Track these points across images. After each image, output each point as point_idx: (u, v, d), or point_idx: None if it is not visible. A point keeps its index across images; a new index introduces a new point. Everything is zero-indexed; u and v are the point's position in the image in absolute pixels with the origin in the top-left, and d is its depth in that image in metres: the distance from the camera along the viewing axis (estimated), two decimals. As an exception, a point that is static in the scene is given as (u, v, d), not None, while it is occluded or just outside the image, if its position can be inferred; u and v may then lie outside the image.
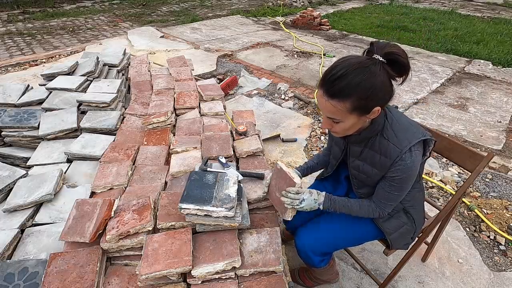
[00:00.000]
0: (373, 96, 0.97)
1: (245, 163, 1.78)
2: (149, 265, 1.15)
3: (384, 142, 1.10)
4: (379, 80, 0.95)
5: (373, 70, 0.95)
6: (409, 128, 1.10)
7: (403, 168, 1.07)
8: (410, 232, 1.33)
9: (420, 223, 1.35)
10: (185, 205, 1.24)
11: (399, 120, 1.12)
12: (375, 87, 0.96)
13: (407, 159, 1.05)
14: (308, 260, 1.43)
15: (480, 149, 2.72)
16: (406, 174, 1.08)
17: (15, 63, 4.18)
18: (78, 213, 1.34)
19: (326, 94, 0.99)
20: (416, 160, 1.06)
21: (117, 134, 1.99)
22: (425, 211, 1.42)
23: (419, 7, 8.21)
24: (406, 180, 1.10)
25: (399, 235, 1.31)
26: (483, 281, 1.69)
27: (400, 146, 1.06)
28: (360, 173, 1.22)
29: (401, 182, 1.11)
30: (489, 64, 4.59)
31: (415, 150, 1.06)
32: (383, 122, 1.10)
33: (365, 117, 1.03)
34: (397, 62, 0.96)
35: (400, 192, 1.15)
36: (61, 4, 7.80)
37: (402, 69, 0.98)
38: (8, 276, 1.18)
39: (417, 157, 1.07)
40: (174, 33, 5.62)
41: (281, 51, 4.92)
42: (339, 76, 0.95)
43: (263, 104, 3.40)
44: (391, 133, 1.09)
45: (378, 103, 1.00)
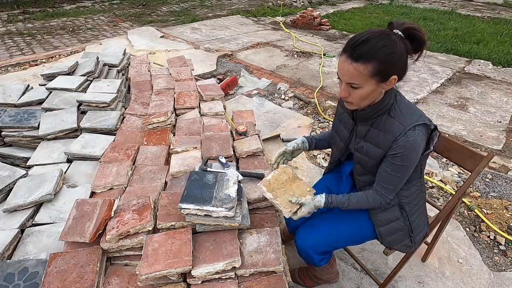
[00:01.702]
0: (393, 63, 1.02)
1: (245, 163, 1.78)
2: (149, 265, 1.15)
3: (389, 120, 1.13)
4: (399, 49, 1.01)
5: (394, 39, 1.01)
6: (416, 111, 1.13)
7: (405, 144, 1.08)
8: (404, 230, 1.29)
9: (419, 225, 1.32)
10: (185, 205, 1.24)
11: (407, 103, 1.15)
12: (395, 54, 1.01)
13: (410, 136, 1.07)
14: (308, 259, 1.43)
15: (480, 149, 2.72)
16: (407, 151, 1.09)
17: (15, 63, 4.18)
18: (78, 213, 1.34)
19: (350, 57, 1.02)
20: (418, 139, 1.08)
21: (117, 134, 1.99)
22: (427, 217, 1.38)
23: (419, 7, 8.21)
24: (407, 158, 1.10)
25: (390, 230, 1.30)
26: (483, 281, 1.69)
27: (404, 124, 1.09)
28: (363, 156, 1.22)
29: (402, 160, 1.11)
30: (489, 64, 4.59)
31: (418, 130, 1.08)
32: (392, 102, 1.13)
33: (383, 85, 1.06)
34: (415, 38, 1.04)
35: (400, 173, 1.14)
36: (61, 4, 7.80)
37: (419, 45, 1.05)
38: (8, 276, 1.18)
39: (420, 137, 1.08)
40: (174, 33, 5.62)
41: (281, 51, 4.92)
42: (363, 40, 1.01)
43: (263, 104, 3.40)
44: (398, 112, 1.12)
45: (396, 72, 1.04)
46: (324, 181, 1.57)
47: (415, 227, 1.30)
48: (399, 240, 1.32)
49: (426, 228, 1.37)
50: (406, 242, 1.33)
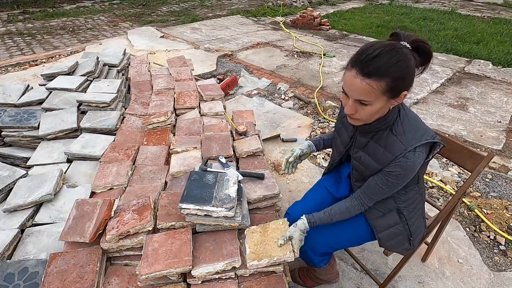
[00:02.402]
0: (405, 78, 0.99)
1: (245, 163, 1.78)
2: (149, 265, 1.15)
3: (391, 137, 1.10)
4: (411, 64, 0.98)
5: (406, 53, 0.97)
6: (419, 128, 1.09)
7: (403, 165, 1.07)
8: (403, 234, 1.28)
9: (418, 228, 1.31)
10: (185, 205, 1.24)
11: (411, 119, 1.11)
12: (409, 69, 0.98)
13: (410, 157, 1.05)
14: (308, 260, 1.43)
15: (480, 149, 2.72)
16: (404, 172, 1.08)
17: (15, 63, 4.18)
18: (78, 213, 1.34)
19: (361, 73, 0.96)
20: (417, 161, 1.06)
21: (117, 134, 1.99)
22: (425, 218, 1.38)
23: (419, 7, 8.21)
24: (402, 178, 1.10)
25: (389, 235, 1.29)
26: (483, 281, 1.69)
27: (405, 144, 1.06)
28: (360, 165, 1.21)
29: (397, 179, 1.10)
30: (489, 64, 4.59)
31: (419, 151, 1.06)
32: (395, 117, 1.10)
33: (393, 101, 1.03)
34: (423, 51, 1.01)
35: (391, 189, 1.14)
36: (61, 4, 7.80)
37: (426, 58, 1.02)
38: (8, 276, 1.18)
39: (419, 158, 1.06)
40: (174, 33, 5.62)
41: (281, 51, 4.92)
42: (376, 55, 0.95)
43: (263, 104, 3.40)
44: (401, 129, 1.09)
45: (406, 87, 1.01)
46: (323, 182, 1.57)
47: (414, 230, 1.29)
48: (399, 244, 1.32)
49: (424, 229, 1.37)
50: (405, 246, 1.32)
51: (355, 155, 1.24)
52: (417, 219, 1.30)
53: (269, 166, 2.46)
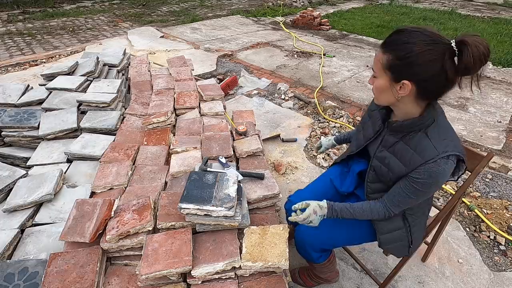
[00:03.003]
0: (412, 65, 0.92)
1: (245, 163, 1.79)
2: (149, 265, 1.15)
3: (424, 140, 1.03)
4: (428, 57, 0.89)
5: (436, 48, 0.89)
6: (455, 139, 1.04)
7: (432, 172, 0.99)
8: (404, 240, 1.27)
9: (418, 237, 1.30)
10: (185, 205, 1.24)
11: (447, 127, 1.06)
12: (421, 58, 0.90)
13: (441, 164, 0.98)
14: (306, 256, 1.43)
15: (480, 149, 2.72)
16: (432, 180, 1.01)
17: (15, 63, 4.18)
18: (78, 213, 1.34)
19: (382, 43, 0.99)
20: (447, 170, 1.00)
21: (117, 134, 1.99)
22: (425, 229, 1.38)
23: (419, 7, 8.21)
24: (429, 186, 1.03)
25: (391, 238, 1.28)
26: (483, 281, 1.69)
27: (439, 149, 0.99)
28: (383, 166, 1.14)
29: (424, 187, 1.04)
30: (489, 64, 4.59)
31: (451, 160, 0.99)
32: (432, 121, 1.04)
33: (395, 85, 0.98)
34: (464, 55, 0.87)
35: (417, 197, 1.08)
36: (61, 4, 7.79)
37: (463, 66, 0.88)
38: (8, 276, 1.18)
39: (450, 167, 1.00)
40: (174, 33, 5.62)
41: (281, 51, 4.92)
42: (403, 30, 0.95)
43: (263, 104, 3.40)
44: (436, 133, 1.03)
45: (411, 78, 0.94)
46: (329, 174, 1.55)
47: (415, 238, 1.28)
48: (398, 250, 1.32)
49: (421, 240, 1.36)
50: (403, 251, 1.32)
51: (379, 154, 1.18)
52: (419, 228, 1.29)
53: (269, 166, 2.46)
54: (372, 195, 1.26)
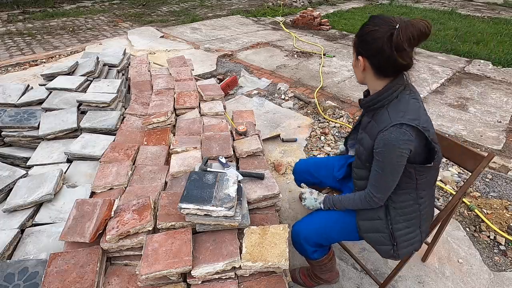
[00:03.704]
0: (362, 41, 1.11)
1: (245, 163, 1.79)
2: (149, 265, 1.15)
3: (384, 113, 1.13)
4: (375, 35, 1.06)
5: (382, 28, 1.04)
6: (415, 114, 1.09)
7: (385, 139, 1.07)
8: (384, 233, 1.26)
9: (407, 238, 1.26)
10: (185, 205, 1.24)
11: (408, 104, 1.11)
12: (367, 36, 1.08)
13: (393, 132, 1.06)
14: (301, 250, 1.43)
15: (480, 149, 2.72)
16: (386, 148, 1.08)
17: (15, 63, 4.18)
18: (78, 213, 1.34)
19: None
20: (400, 138, 1.05)
21: (117, 134, 1.99)
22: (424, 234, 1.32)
23: (419, 7, 8.21)
24: (385, 156, 1.09)
25: (370, 226, 1.28)
26: (483, 281, 1.69)
27: (393, 119, 1.08)
28: (361, 146, 1.23)
29: (381, 156, 1.11)
30: (489, 64, 4.59)
31: (405, 130, 1.05)
32: (392, 97, 1.12)
33: (358, 61, 1.15)
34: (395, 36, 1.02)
35: (382, 171, 1.13)
36: (61, 4, 7.79)
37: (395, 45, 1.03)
38: (8, 276, 1.18)
39: (404, 137, 1.05)
40: (174, 33, 5.62)
41: (281, 51, 4.92)
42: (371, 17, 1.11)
43: (263, 104, 3.40)
44: (394, 107, 1.11)
45: (364, 54, 1.12)
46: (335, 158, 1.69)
47: (400, 236, 1.26)
48: (379, 241, 1.29)
49: (417, 244, 1.31)
50: (387, 248, 1.29)
51: (359, 136, 1.27)
52: (407, 228, 1.26)
53: (269, 166, 2.46)
54: (359, 181, 1.29)
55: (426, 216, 1.29)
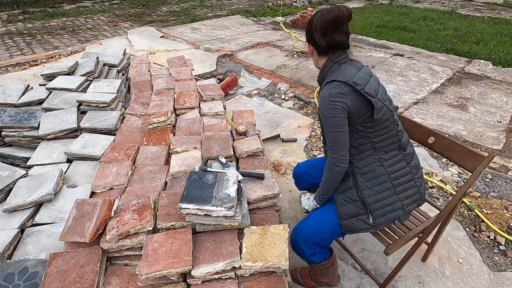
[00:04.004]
0: (309, 32, 1.28)
1: (245, 163, 1.79)
2: (149, 265, 1.15)
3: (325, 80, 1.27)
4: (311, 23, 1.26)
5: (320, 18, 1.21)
6: (348, 74, 1.21)
7: (321, 96, 1.23)
8: (356, 202, 1.28)
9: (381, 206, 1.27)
10: (185, 205, 1.24)
11: (346, 69, 1.24)
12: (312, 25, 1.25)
13: (324, 89, 1.22)
14: (300, 254, 1.44)
15: (480, 149, 2.72)
16: (322, 102, 1.22)
17: (15, 63, 4.18)
18: (78, 213, 1.34)
19: None
20: (332, 92, 1.18)
21: (117, 134, 1.99)
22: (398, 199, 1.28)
23: (419, 7, 8.21)
24: (323, 113, 1.22)
25: (344, 199, 1.31)
26: (483, 281, 1.69)
27: (327, 80, 1.23)
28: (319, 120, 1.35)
29: (321, 115, 1.24)
30: (489, 64, 4.59)
31: (336, 84, 1.19)
32: (333, 68, 1.27)
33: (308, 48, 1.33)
34: (316, 21, 1.23)
35: (326, 126, 1.24)
36: (61, 4, 7.79)
37: (319, 29, 1.23)
38: (8, 276, 1.18)
39: (335, 90, 1.18)
40: (174, 33, 5.62)
41: (281, 51, 4.92)
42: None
43: (263, 104, 3.40)
44: (333, 74, 1.25)
45: (309, 40, 1.31)
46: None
47: (372, 203, 1.26)
48: (354, 212, 1.29)
49: (399, 212, 1.29)
50: (363, 218, 1.29)
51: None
52: (378, 193, 1.27)
53: (269, 166, 2.46)
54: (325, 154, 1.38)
55: (401, 181, 1.28)
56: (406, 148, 1.32)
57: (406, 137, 1.34)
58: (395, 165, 1.28)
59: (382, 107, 1.21)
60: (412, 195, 1.32)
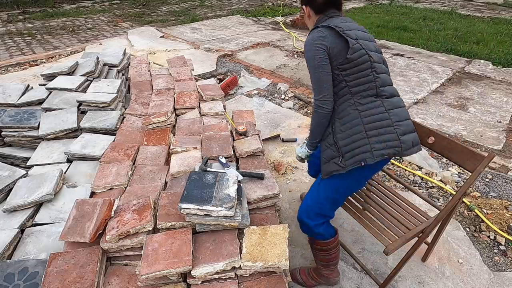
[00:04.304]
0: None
1: (245, 163, 1.79)
2: (149, 265, 1.15)
3: None
4: None
5: None
6: (332, 22, 1.31)
7: (305, 42, 1.33)
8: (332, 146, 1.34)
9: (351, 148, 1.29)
10: (185, 205, 1.24)
11: (333, 19, 1.34)
12: None
13: (309, 35, 1.33)
14: (306, 230, 1.48)
15: (480, 149, 2.72)
16: (305, 48, 1.33)
17: (15, 63, 4.18)
18: (78, 213, 1.34)
19: None
20: (314, 37, 1.29)
21: (117, 134, 1.99)
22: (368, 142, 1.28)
23: (419, 7, 8.21)
24: (307, 56, 1.32)
25: (325, 144, 1.39)
26: (483, 281, 1.69)
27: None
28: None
29: (306, 59, 1.33)
30: (489, 64, 4.59)
31: (318, 30, 1.30)
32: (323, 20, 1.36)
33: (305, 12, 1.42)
34: None
35: (310, 71, 1.32)
36: (61, 4, 7.79)
37: None
38: (8, 276, 1.18)
39: (319, 34, 1.28)
40: (174, 33, 5.62)
41: (281, 51, 4.92)
42: None
43: (263, 104, 3.40)
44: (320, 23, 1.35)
45: (305, 3, 1.39)
46: None
47: (343, 145, 1.30)
48: (331, 156, 1.34)
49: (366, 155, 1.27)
50: (336, 160, 1.33)
51: None
52: (350, 136, 1.29)
53: (269, 166, 2.46)
54: None
55: (376, 125, 1.28)
56: (387, 96, 1.33)
57: (389, 87, 1.35)
58: (371, 110, 1.29)
59: (359, 49, 1.27)
60: (387, 140, 1.27)
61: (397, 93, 1.38)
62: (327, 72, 1.28)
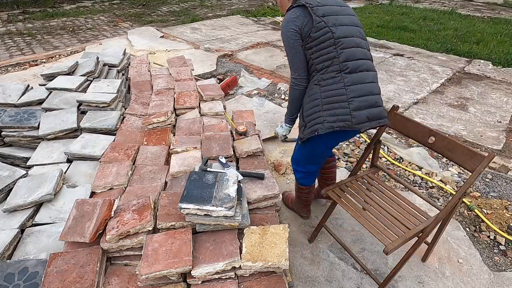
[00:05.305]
0: None
1: (245, 163, 1.79)
2: (149, 265, 1.15)
3: None
4: None
5: None
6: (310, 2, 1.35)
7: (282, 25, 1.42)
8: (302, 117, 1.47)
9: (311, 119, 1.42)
10: (185, 205, 1.25)
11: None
12: None
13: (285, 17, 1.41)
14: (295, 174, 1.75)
15: (480, 149, 2.72)
16: (282, 30, 1.42)
17: (15, 63, 4.18)
18: (78, 213, 1.34)
19: None
20: (287, 19, 1.38)
21: (117, 134, 1.99)
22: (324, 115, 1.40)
23: (419, 7, 8.21)
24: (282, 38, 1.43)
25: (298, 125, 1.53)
26: (483, 281, 1.69)
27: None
28: None
29: (281, 36, 1.43)
30: (489, 64, 4.59)
31: (290, 11, 1.38)
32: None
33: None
34: None
35: (285, 51, 1.44)
36: (61, 4, 7.79)
37: None
38: (8, 276, 1.18)
39: (291, 16, 1.36)
40: (174, 33, 5.62)
41: (281, 51, 4.92)
42: None
43: (263, 104, 3.40)
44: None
45: None
46: None
47: (305, 116, 1.45)
48: (301, 125, 1.50)
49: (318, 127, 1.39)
50: (302, 129, 1.48)
51: None
52: (311, 109, 1.42)
53: (269, 166, 2.46)
54: None
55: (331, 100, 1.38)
56: (351, 70, 1.37)
57: (355, 61, 1.38)
58: (330, 85, 1.38)
59: (323, 27, 1.32)
60: (339, 114, 1.37)
61: (369, 66, 1.43)
62: (299, 52, 1.40)
